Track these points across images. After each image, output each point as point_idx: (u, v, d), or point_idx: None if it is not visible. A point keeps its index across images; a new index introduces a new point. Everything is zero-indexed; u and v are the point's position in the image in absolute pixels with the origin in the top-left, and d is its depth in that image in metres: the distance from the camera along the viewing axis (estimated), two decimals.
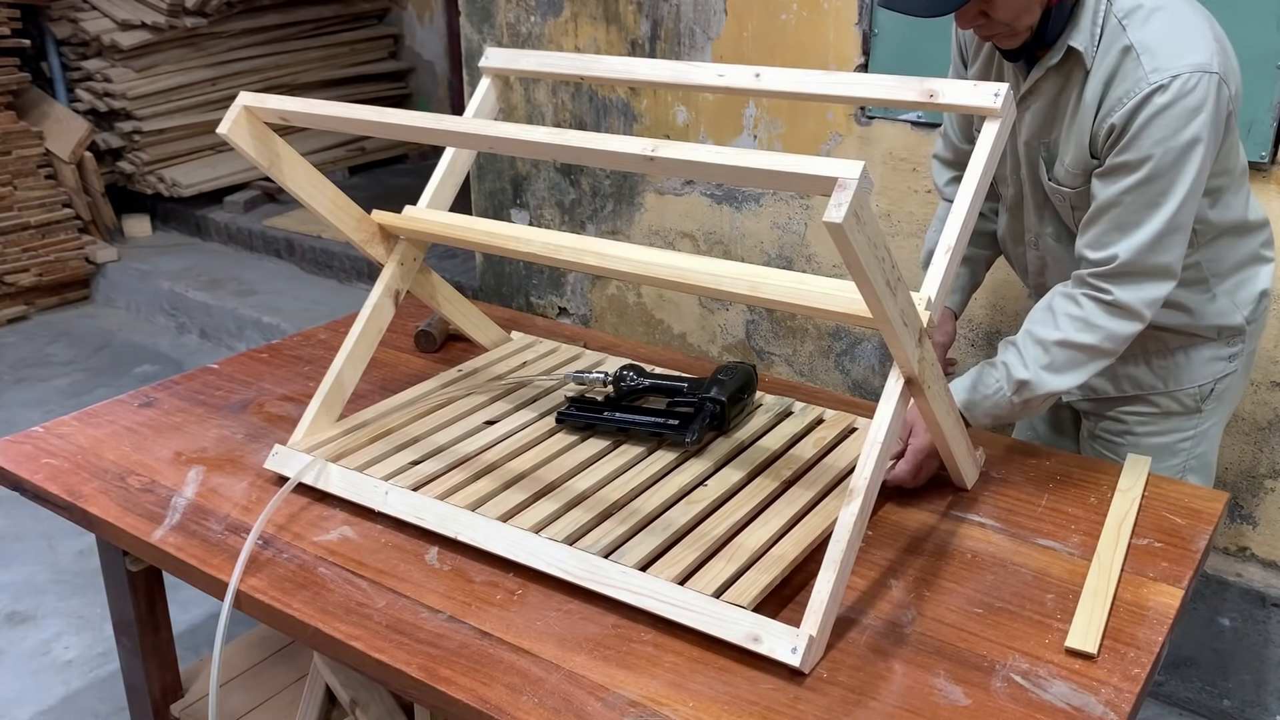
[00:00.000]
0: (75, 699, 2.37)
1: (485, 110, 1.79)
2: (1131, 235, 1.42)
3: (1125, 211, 1.41)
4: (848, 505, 1.23)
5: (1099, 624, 1.25)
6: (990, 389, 1.49)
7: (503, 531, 1.38)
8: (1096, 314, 1.45)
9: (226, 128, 1.48)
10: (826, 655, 1.21)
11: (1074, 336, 1.46)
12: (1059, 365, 1.46)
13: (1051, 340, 1.46)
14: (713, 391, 1.62)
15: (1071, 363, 1.47)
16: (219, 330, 4.28)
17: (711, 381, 1.65)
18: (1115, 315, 1.45)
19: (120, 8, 4.78)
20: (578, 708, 1.14)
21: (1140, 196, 1.40)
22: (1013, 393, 1.48)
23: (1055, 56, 1.46)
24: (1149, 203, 1.40)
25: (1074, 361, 1.47)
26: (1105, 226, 1.44)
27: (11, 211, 4.40)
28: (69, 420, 1.76)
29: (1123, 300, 1.44)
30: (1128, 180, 1.40)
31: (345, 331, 1.69)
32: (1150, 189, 1.40)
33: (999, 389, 1.49)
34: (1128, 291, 1.44)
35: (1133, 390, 1.69)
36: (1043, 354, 1.47)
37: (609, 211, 3.11)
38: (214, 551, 1.41)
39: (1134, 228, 1.41)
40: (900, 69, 2.36)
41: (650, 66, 1.65)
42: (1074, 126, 1.48)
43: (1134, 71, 1.38)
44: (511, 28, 3.12)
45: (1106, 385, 1.69)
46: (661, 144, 1.12)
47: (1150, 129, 1.37)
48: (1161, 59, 1.36)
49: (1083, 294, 1.46)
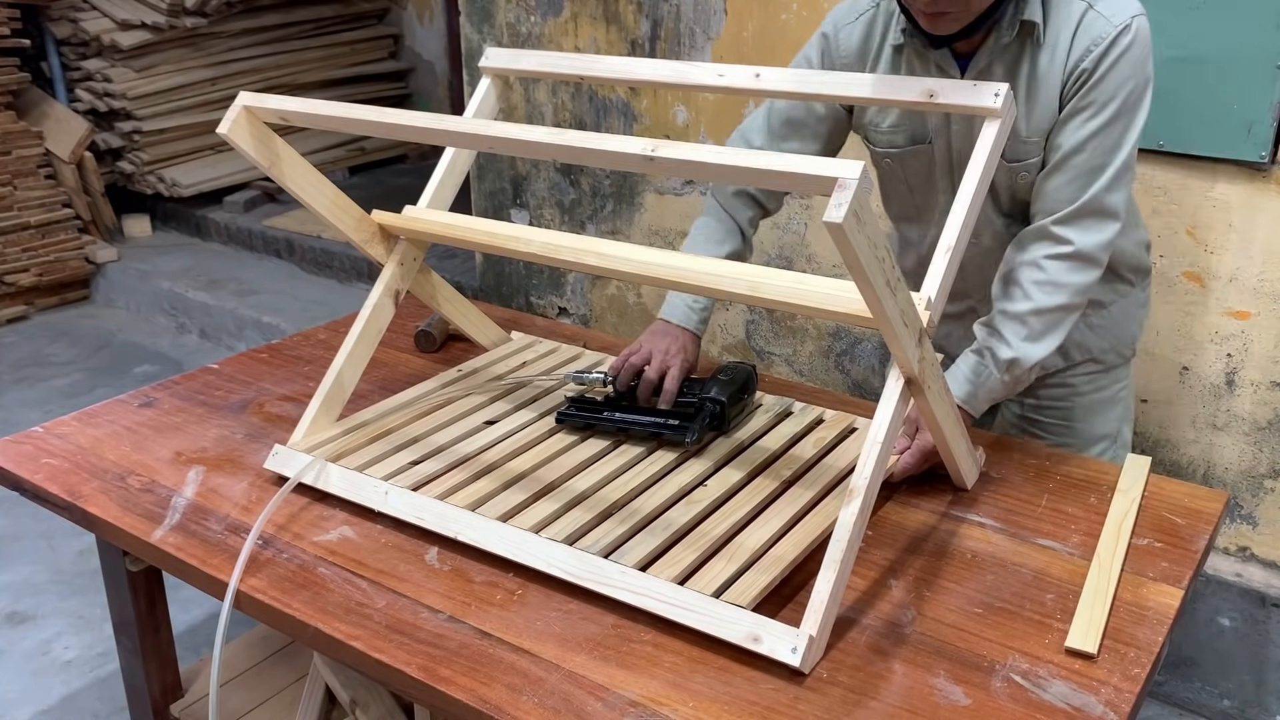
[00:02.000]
0: (75, 699, 2.37)
1: (485, 110, 1.79)
2: (1097, 177, 1.46)
3: (1091, 155, 1.46)
4: (848, 505, 1.23)
5: (1099, 624, 1.25)
6: (983, 375, 1.51)
7: (503, 531, 1.38)
8: (1060, 272, 1.48)
9: (226, 128, 1.48)
10: (826, 655, 1.21)
11: (1045, 301, 1.48)
12: (1038, 333, 1.49)
13: (1025, 311, 1.49)
14: (712, 391, 1.62)
15: (1049, 327, 1.50)
16: (219, 330, 4.28)
17: (711, 381, 1.65)
18: (1078, 267, 1.48)
19: (120, 8, 4.78)
20: (578, 708, 1.14)
21: (1106, 138, 1.45)
22: (1003, 373, 1.51)
23: (1008, 35, 1.47)
24: (1113, 144, 1.46)
25: (1051, 325, 1.50)
26: (1071, 174, 1.47)
27: (11, 211, 4.40)
28: (69, 420, 1.76)
29: (1083, 248, 1.47)
30: (1095, 123, 1.45)
31: (345, 331, 1.69)
32: (1114, 128, 1.45)
33: (989, 373, 1.51)
34: (1087, 236, 1.47)
35: (1080, 357, 1.73)
36: (1020, 327, 1.49)
37: (609, 211, 3.11)
38: (214, 551, 1.41)
39: (1099, 170, 1.46)
40: None
41: (650, 66, 1.65)
42: (1035, 95, 1.49)
43: (1095, 22, 1.44)
44: (511, 28, 3.12)
45: (1056, 359, 1.71)
46: (661, 144, 1.12)
47: (1116, 70, 1.44)
48: (1115, 5, 1.44)
49: (1043, 256, 1.48)
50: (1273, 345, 2.16)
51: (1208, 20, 2.02)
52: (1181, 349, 2.26)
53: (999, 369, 1.51)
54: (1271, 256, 2.12)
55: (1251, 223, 2.12)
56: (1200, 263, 2.20)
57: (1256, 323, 2.17)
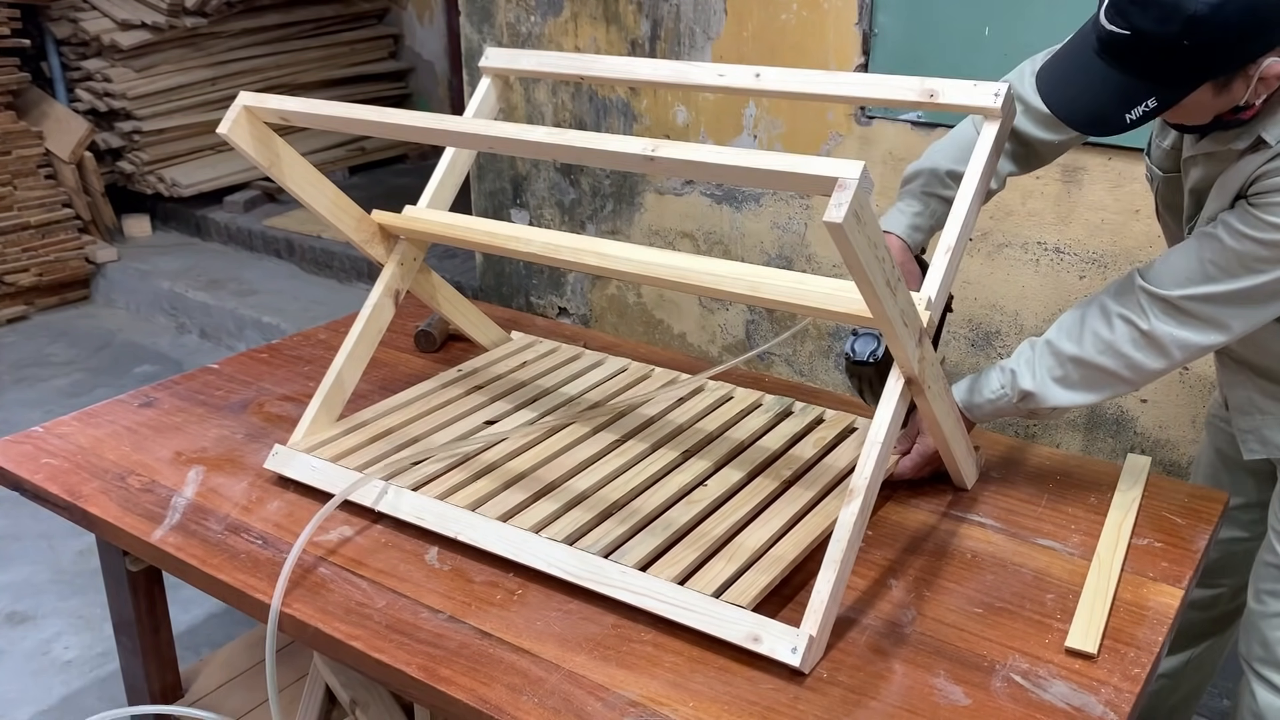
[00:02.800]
0: (75, 699, 2.37)
1: (485, 110, 1.79)
2: (1213, 277, 1.33)
3: (1221, 255, 1.32)
4: (848, 505, 1.23)
5: (1099, 624, 1.25)
6: (993, 392, 1.47)
7: (503, 531, 1.38)
8: (1124, 341, 1.38)
9: (226, 128, 1.48)
10: (826, 655, 1.21)
11: (1095, 358, 1.39)
12: (1072, 382, 1.42)
13: (1069, 355, 1.41)
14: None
15: (1086, 382, 1.42)
16: (219, 330, 4.28)
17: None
18: (1144, 347, 1.38)
19: (120, 8, 4.78)
20: (578, 708, 1.14)
21: (1244, 250, 1.31)
22: (1017, 399, 1.45)
23: (1242, 142, 1.32)
24: (1247, 261, 1.31)
25: (1089, 381, 1.41)
26: (1192, 257, 1.35)
27: (11, 211, 4.40)
28: (69, 420, 1.76)
29: (1158, 333, 1.36)
30: (1248, 226, 1.30)
31: (345, 331, 1.69)
32: (1258, 251, 1.30)
33: (1002, 394, 1.46)
34: (1168, 326, 1.36)
35: None
36: (1056, 366, 1.42)
37: (609, 211, 3.11)
38: (214, 551, 1.41)
39: (1222, 271, 1.33)
40: (900, 69, 2.36)
41: (650, 66, 1.65)
42: (1226, 184, 1.37)
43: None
44: (511, 28, 3.12)
45: None
46: (661, 144, 1.12)
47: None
48: None
49: (1119, 315, 1.39)
50: None
51: None
52: None
53: (1014, 394, 1.45)
54: None
55: None
56: None
57: None
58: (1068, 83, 1.30)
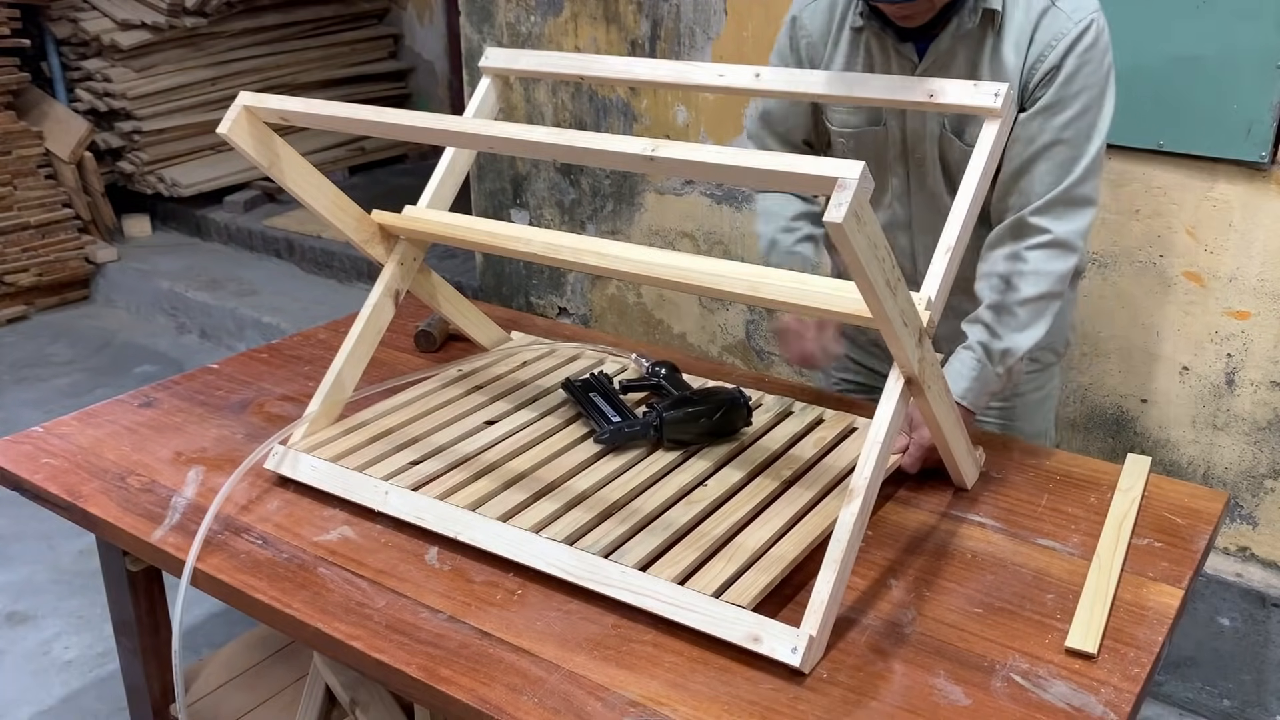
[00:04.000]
0: (75, 699, 2.37)
1: (485, 110, 1.79)
2: (1072, 168, 1.50)
3: (1067, 147, 1.49)
4: (848, 505, 1.23)
5: (1099, 624, 1.25)
6: (981, 371, 1.53)
7: (503, 531, 1.38)
8: (1041, 260, 1.51)
9: (226, 128, 1.48)
10: (826, 655, 1.21)
11: (1030, 291, 1.51)
12: (1026, 322, 1.52)
13: (1013, 302, 1.52)
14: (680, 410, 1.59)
15: (1035, 315, 1.53)
16: (219, 330, 4.28)
17: (692, 400, 1.61)
18: (1058, 254, 1.51)
19: (120, 8, 4.78)
20: (578, 708, 1.14)
21: (1079, 130, 1.49)
22: (998, 365, 1.53)
23: (970, 22, 1.49)
24: (1085, 134, 1.50)
25: (1036, 314, 1.53)
26: (1046, 166, 1.50)
27: (11, 211, 4.40)
28: (69, 420, 1.76)
29: (1061, 235, 1.51)
30: (1066, 115, 1.48)
31: (345, 331, 1.69)
32: (1085, 120, 1.49)
33: (985, 368, 1.53)
34: (1065, 224, 1.51)
35: None
36: (1009, 318, 1.52)
37: (609, 211, 3.11)
38: (214, 551, 1.41)
39: (1074, 161, 1.50)
40: None
41: (650, 66, 1.65)
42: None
43: (1056, 18, 1.47)
44: (511, 28, 3.12)
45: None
46: (661, 144, 1.12)
47: (1083, 67, 1.47)
48: (1075, 3, 1.47)
49: (1024, 248, 1.52)
50: (1273, 345, 2.16)
51: (1208, 20, 2.02)
52: (1181, 349, 2.26)
53: (994, 362, 1.53)
54: (1271, 256, 2.12)
55: (1251, 223, 2.12)
56: (1200, 262, 2.20)
57: (1256, 322, 2.17)
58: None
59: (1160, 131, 2.13)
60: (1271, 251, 2.12)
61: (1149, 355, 2.30)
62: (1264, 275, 2.13)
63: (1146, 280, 2.26)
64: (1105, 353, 2.36)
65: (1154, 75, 2.09)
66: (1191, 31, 2.04)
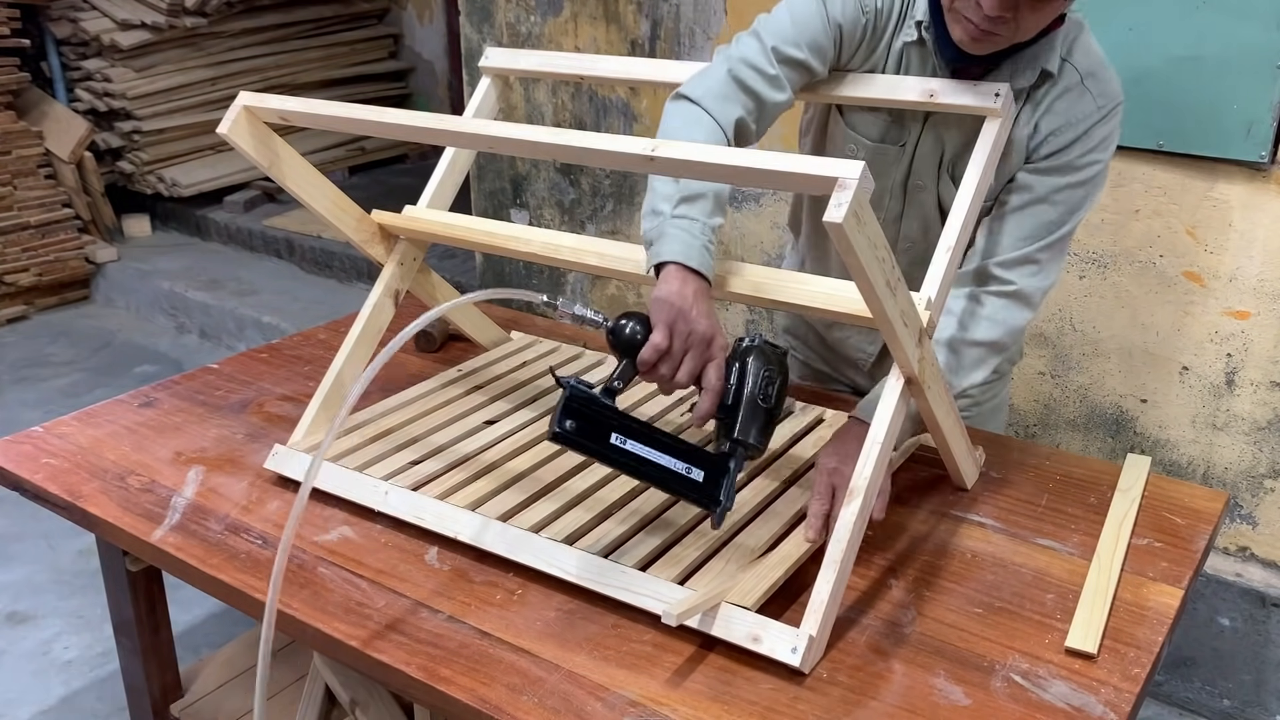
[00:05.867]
0: (75, 699, 2.37)
1: (485, 110, 1.79)
2: (1053, 231, 1.47)
3: (1054, 209, 1.46)
4: (848, 505, 1.23)
5: (1099, 624, 1.25)
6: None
7: (503, 531, 1.38)
8: (999, 309, 1.47)
9: (226, 128, 1.48)
10: (826, 655, 1.21)
11: (981, 335, 1.46)
12: (968, 365, 1.48)
13: (962, 341, 1.47)
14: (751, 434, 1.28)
15: (978, 361, 1.49)
16: (219, 330, 4.28)
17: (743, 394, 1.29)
18: (1016, 306, 1.48)
19: (120, 8, 4.78)
20: (578, 708, 1.14)
21: (1070, 199, 1.46)
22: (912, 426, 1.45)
23: (1024, 80, 1.41)
24: (1072, 206, 1.47)
25: (980, 359, 1.49)
26: (1030, 222, 1.46)
27: (11, 211, 4.40)
28: (69, 420, 1.76)
29: (1025, 289, 1.47)
30: (1063, 180, 1.45)
31: (345, 331, 1.69)
32: (1078, 193, 1.47)
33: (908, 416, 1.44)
34: (1030, 280, 1.47)
35: None
36: (952, 357, 1.46)
37: (609, 211, 3.11)
38: (214, 551, 1.41)
39: (1056, 225, 1.47)
40: None
41: (650, 66, 1.65)
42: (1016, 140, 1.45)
43: (1083, 98, 1.43)
44: (511, 28, 3.12)
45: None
46: (661, 144, 1.12)
47: (1095, 149, 1.45)
48: (1103, 86, 1.44)
49: (984, 292, 1.48)
50: (1273, 345, 2.16)
51: (1208, 20, 2.02)
52: (1181, 349, 2.26)
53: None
54: (1271, 256, 2.12)
55: (1251, 223, 2.12)
56: (1200, 263, 2.20)
57: (1256, 323, 2.17)
58: None
59: (1160, 131, 2.13)
60: (1271, 251, 2.12)
61: (1149, 355, 2.30)
62: (1264, 275, 2.13)
63: (1146, 280, 2.26)
64: (1105, 353, 2.36)
65: (1154, 75, 2.09)
66: (1191, 31, 2.04)
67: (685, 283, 1.27)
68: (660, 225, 1.33)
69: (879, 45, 1.48)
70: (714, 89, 1.42)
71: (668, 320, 1.25)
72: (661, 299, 1.26)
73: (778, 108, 1.46)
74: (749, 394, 1.29)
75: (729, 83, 1.42)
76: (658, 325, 1.25)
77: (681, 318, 1.25)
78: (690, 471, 1.25)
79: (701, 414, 1.28)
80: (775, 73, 1.43)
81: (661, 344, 1.24)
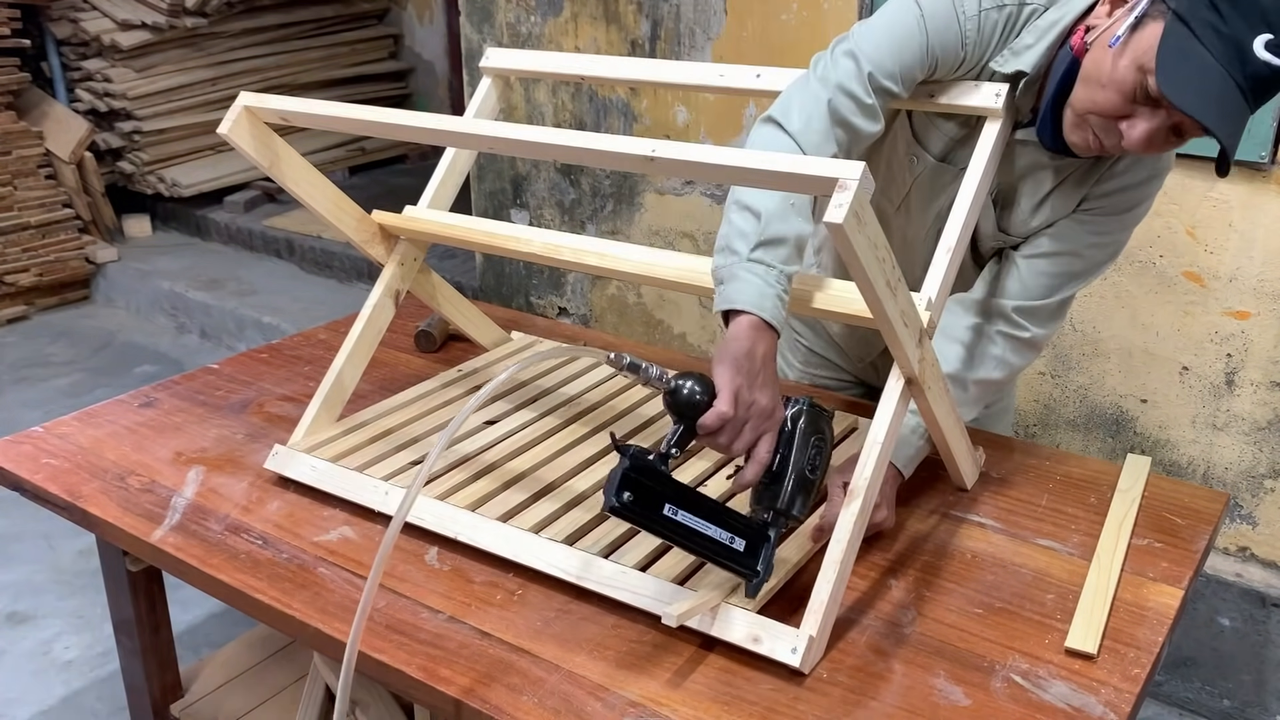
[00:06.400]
0: (75, 699, 2.37)
1: (485, 110, 1.79)
2: (1075, 283, 1.49)
3: (1081, 261, 1.47)
4: (848, 506, 1.23)
5: (1099, 624, 1.25)
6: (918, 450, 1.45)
7: (503, 531, 1.38)
8: (1009, 352, 1.49)
9: (227, 128, 1.48)
10: (826, 655, 1.21)
11: (990, 374, 1.49)
12: (967, 401, 1.49)
13: (970, 379, 1.48)
14: (796, 505, 1.23)
15: (980, 397, 1.51)
16: (219, 330, 4.28)
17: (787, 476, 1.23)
18: (1025, 351, 1.50)
19: (120, 8, 4.78)
20: (578, 708, 1.14)
21: (1099, 255, 1.48)
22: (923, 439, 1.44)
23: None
24: (1098, 262, 1.49)
25: (982, 396, 1.51)
26: (1056, 268, 1.46)
27: (11, 211, 4.40)
28: (69, 420, 1.76)
29: (1037, 337, 1.50)
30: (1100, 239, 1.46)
31: (345, 331, 1.69)
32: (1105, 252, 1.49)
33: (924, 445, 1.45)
34: (1042, 329, 1.50)
35: None
36: (958, 390, 1.45)
37: (609, 211, 3.11)
38: (214, 551, 1.41)
39: (1078, 278, 1.49)
40: None
41: (650, 66, 1.65)
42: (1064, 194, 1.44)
43: (1139, 162, 1.43)
44: (511, 28, 3.12)
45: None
46: (661, 144, 1.12)
47: (1138, 209, 1.47)
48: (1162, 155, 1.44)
49: (997, 332, 1.48)
50: (1273, 345, 2.16)
51: None
52: (1181, 349, 2.26)
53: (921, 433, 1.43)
54: (1271, 256, 2.12)
55: (1251, 223, 2.12)
56: (1200, 263, 2.20)
57: (1256, 323, 2.17)
58: (1222, 114, 1.22)
59: None
60: (1271, 251, 2.12)
61: (1149, 355, 2.30)
62: (1264, 275, 2.13)
63: (1146, 280, 2.26)
64: (1105, 353, 2.36)
65: None
66: None
67: (756, 341, 1.20)
68: (733, 267, 1.25)
69: (968, 76, 1.41)
70: (813, 124, 1.32)
71: (734, 388, 1.17)
72: (730, 360, 1.18)
73: (870, 139, 1.38)
74: (796, 465, 1.22)
75: (827, 118, 1.33)
76: (723, 391, 1.17)
77: (747, 386, 1.18)
78: (733, 541, 1.21)
79: (744, 483, 1.22)
80: (871, 102, 1.34)
81: (727, 413, 1.16)
